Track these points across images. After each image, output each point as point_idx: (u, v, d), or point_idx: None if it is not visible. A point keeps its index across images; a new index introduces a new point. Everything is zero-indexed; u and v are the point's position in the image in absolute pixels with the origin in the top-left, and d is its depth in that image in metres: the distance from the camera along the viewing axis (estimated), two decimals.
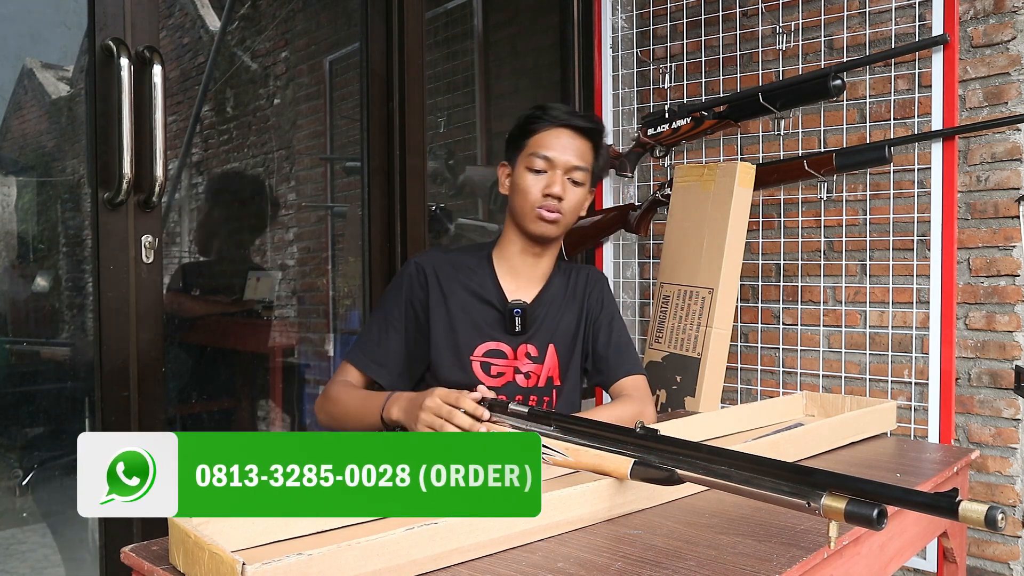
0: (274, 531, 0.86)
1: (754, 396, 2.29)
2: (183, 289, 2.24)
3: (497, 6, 2.78)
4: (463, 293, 1.44)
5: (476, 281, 1.45)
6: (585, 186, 1.43)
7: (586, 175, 1.42)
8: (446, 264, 1.46)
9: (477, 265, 1.47)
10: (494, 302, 1.44)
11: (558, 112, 1.42)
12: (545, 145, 1.40)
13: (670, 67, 2.39)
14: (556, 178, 1.39)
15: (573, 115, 1.43)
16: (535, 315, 1.45)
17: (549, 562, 0.83)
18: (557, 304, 1.48)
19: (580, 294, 1.51)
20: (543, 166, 1.40)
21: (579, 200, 1.43)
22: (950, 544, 1.39)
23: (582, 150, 1.42)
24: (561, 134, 1.41)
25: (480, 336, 1.43)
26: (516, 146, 1.44)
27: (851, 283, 2.16)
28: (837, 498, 0.77)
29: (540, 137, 1.41)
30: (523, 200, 1.41)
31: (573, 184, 1.41)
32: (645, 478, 0.93)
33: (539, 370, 1.45)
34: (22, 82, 1.90)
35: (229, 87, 2.43)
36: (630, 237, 2.46)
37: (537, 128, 1.42)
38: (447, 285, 1.43)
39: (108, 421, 1.47)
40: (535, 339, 1.45)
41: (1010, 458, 1.96)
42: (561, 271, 1.53)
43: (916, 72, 2.02)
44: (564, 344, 1.47)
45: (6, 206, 1.76)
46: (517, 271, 1.47)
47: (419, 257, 1.48)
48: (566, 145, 1.40)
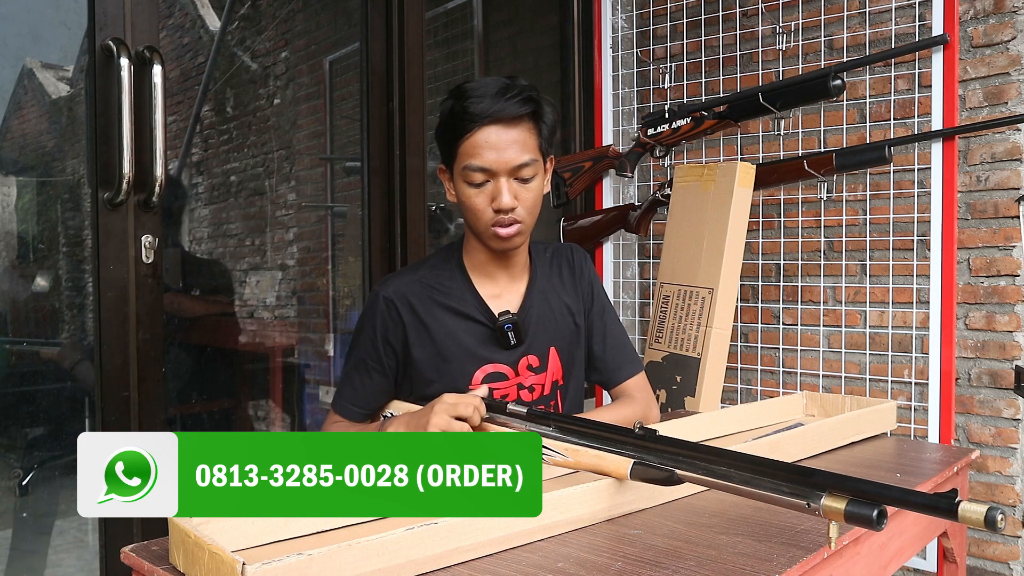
0: (274, 531, 0.86)
1: (754, 396, 2.29)
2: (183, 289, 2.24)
3: (497, 6, 2.78)
4: (444, 315, 1.29)
5: (454, 297, 1.30)
6: (538, 176, 1.25)
7: (535, 166, 1.23)
8: (417, 287, 1.30)
9: (449, 279, 1.32)
10: (480, 318, 1.30)
11: (482, 102, 1.20)
12: (477, 153, 1.20)
13: (670, 67, 2.39)
14: (501, 187, 1.21)
15: (500, 98, 1.20)
16: (527, 321, 1.32)
17: (549, 562, 0.83)
18: (548, 297, 1.36)
19: (570, 277, 1.39)
20: (483, 178, 1.21)
21: (535, 197, 1.26)
22: (950, 544, 1.39)
23: (522, 140, 1.21)
24: (491, 132, 1.20)
25: (475, 361, 1.29)
26: (447, 151, 1.26)
27: (851, 283, 2.16)
28: (837, 498, 0.77)
29: (469, 143, 1.21)
30: (474, 219, 1.25)
31: (523, 183, 1.23)
32: (645, 478, 0.93)
33: (543, 379, 1.34)
34: (22, 82, 1.90)
35: (229, 87, 2.43)
36: (630, 237, 2.46)
37: (463, 131, 1.21)
38: (425, 312, 1.29)
39: (108, 421, 1.47)
40: (533, 347, 1.33)
41: (1010, 458, 1.96)
42: (540, 256, 1.39)
43: (916, 72, 2.02)
44: (565, 341, 1.36)
45: (6, 206, 1.76)
46: (494, 277, 1.33)
47: (385, 288, 1.31)
48: (501, 144, 1.20)
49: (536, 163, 1.24)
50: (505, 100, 1.20)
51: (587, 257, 1.44)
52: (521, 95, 1.21)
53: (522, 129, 1.22)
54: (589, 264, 1.44)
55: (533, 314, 1.34)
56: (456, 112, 1.22)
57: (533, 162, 1.23)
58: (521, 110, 1.21)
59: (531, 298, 1.34)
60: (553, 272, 1.39)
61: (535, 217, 1.28)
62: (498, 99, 1.20)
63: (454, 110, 1.22)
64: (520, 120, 1.22)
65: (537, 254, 1.40)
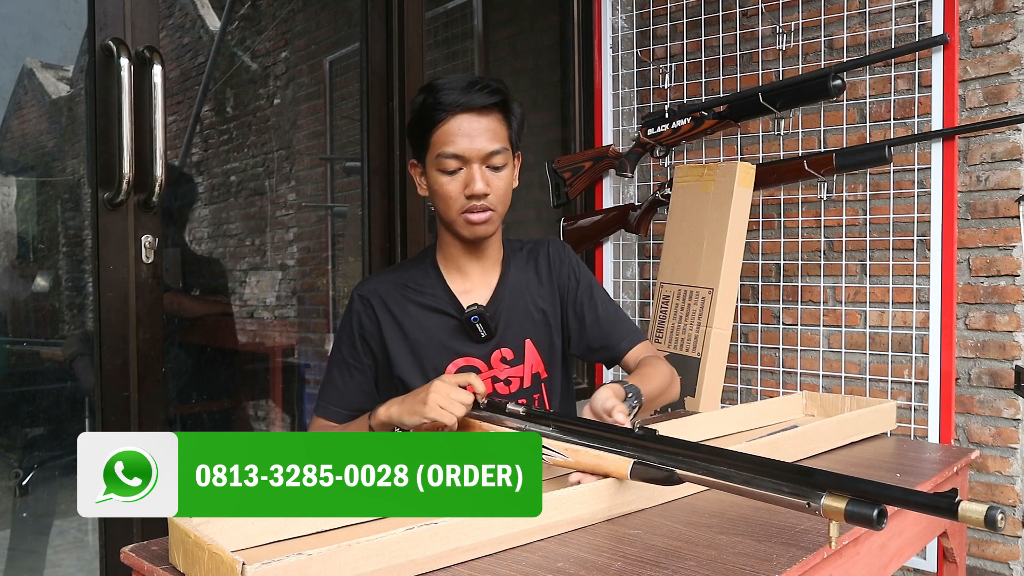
0: (274, 531, 0.86)
1: (754, 396, 2.29)
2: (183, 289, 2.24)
3: (497, 6, 2.78)
4: (417, 311, 1.33)
5: (427, 294, 1.34)
6: (508, 165, 1.29)
7: (506, 155, 1.27)
8: (391, 286, 1.35)
9: (423, 276, 1.35)
10: (450, 311, 1.33)
11: (452, 94, 1.24)
12: (449, 140, 1.24)
13: (670, 67, 2.39)
14: (474, 174, 1.24)
15: (469, 90, 1.24)
16: (498, 314, 1.34)
17: (549, 562, 0.83)
18: (521, 292, 1.37)
19: (546, 272, 1.40)
20: (456, 165, 1.25)
21: (506, 185, 1.29)
22: (950, 544, 1.39)
23: (492, 128, 1.26)
24: (463, 121, 1.24)
25: (447, 354, 1.32)
26: (419, 144, 1.29)
27: (851, 283, 2.16)
28: (837, 498, 0.77)
29: (442, 132, 1.24)
30: (446, 207, 1.28)
31: (494, 171, 1.26)
32: (645, 478, 0.93)
33: (520, 371, 1.35)
34: (22, 82, 1.90)
35: (229, 87, 2.43)
36: (630, 237, 2.46)
37: (435, 121, 1.25)
38: (397, 308, 1.33)
39: (108, 421, 1.47)
40: (507, 340, 1.34)
41: (1010, 458, 1.96)
42: (516, 253, 1.41)
43: (916, 72, 2.02)
44: (541, 334, 1.37)
45: (6, 206, 1.75)
46: (465, 272, 1.35)
47: (360, 288, 1.36)
48: (473, 131, 1.24)
49: (506, 152, 1.28)
50: (475, 91, 1.25)
51: (566, 247, 1.45)
52: (489, 87, 1.26)
53: (492, 119, 1.26)
54: (568, 252, 1.44)
55: (504, 307, 1.35)
56: (428, 104, 1.26)
57: (504, 151, 1.27)
58: (489, 100, 1.25)
59: (502, 291, 1.36)
60: (529, 267, 1.40)
61: (506, 207, 1.32)
62: (468, 91, 1.25)
63: (426, 102, 1.26)
64: (490, 110, 1.26)
65: (512, 251, 1.41)
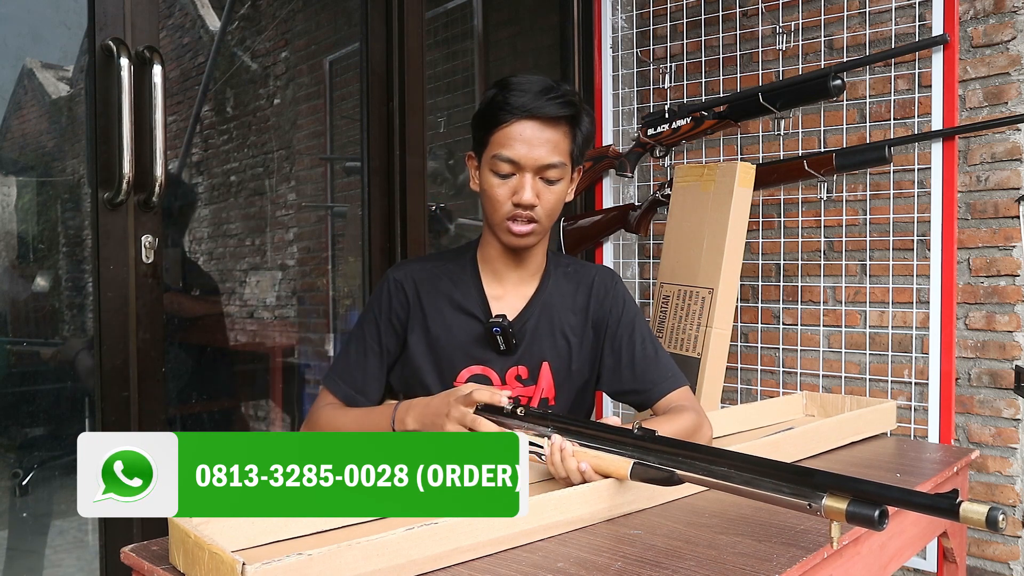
0: (274, 531, 0.86)
1: (754, 396, 2.29)
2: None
3: (497, 6, 2.78)
4: (446, 307, 1.29)
5: (460, 290, 1.30)
6: (564, 180, 1.24)
7: (563, 169, 1.23)
8: (427, 276, 1.31)
9: (460, 271, 1.32)
10: (478, 314, 1.28)
11: (523, 97, 1.19)
12: (508, 144, 1.20)
13: (670, 67, 2.39)
14: (525, 182, 1.20)
15: (541, 97, 1.19)
16: (523, 331, 1.28)
17: (549, 562, 0.83)
18: (553, 312, 1.31)
19: (584, 300, 1.33)
20: (509, 169, 1.21)
21: (557, 200, 1.25)
22: (950, 544, 1.39)
23: (555, 141, 1.21)
24: (526, 127, 1.19)
25: (465, 358, 1.28)
26: (480, 139, 1.25)
27: (851, 283, 2.16)
28: (838, 499, 0.77)
29: (503, 133, 1.20)
30: (491, 209, 1.24)
31: (547, 184, 1.22)
32: (645, 478, 0.93)
33: (531, 391, 1.30)
34: (22, 82, 1.90)
35: (229, 87, 2.43)
36: (630, 237, 2.46)
37: (499, 120, 1.20)
38: (428, 301, 1.29)
39: (108, 421, 1.47)
40: (525, 359, 1.29)
41: (1010, 458, 1.96)
42: (561, 270, 1.35)
43: (916, 72, 2.02)
44: (561, 359, 1.31)
45: (6, 206, 1.75)
46: (501, 276, 1.31)
47: (396, 271, 1.33)
48: (533, 140, 1.19)
49: (564, 167, 1.23)
50: (546, 99, 1.20)
51: (615, 277, 1.39)
52: (563, 98, 1.21)
53: (557, 131, 1.21)
54: (617, 285, 1.37)
55: (531, 323, 1.30)
56: (497, 102, 1.21)
57: (561, 165, 1.23)
58: (560, 112, 1.21)
59: (534, 306, 1.31)
60: (569, 288, 1.34)
61: (552, 221, 1.28)
62: (539, 97, 1.20)
63: (495, 99, 1.22)
64: (557, 122, 1.21)
65: (555, 265, 1.36)
